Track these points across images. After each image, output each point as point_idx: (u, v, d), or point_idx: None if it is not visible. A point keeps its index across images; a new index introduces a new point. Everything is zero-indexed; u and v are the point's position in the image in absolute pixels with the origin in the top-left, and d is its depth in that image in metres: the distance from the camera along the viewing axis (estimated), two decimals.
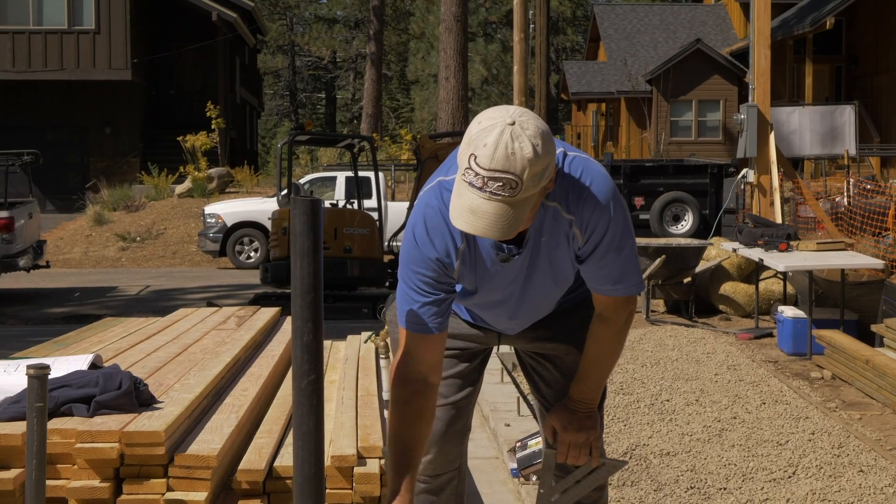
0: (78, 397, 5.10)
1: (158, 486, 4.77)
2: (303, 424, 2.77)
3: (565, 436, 3.21)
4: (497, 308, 3.22)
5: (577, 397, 3.24)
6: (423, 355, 3.06)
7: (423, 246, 2.99)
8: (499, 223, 2.73)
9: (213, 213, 23.42)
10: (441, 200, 2.97)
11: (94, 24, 31.72)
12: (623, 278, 3.09)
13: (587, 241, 3.02)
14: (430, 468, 3.37)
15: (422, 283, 3.00)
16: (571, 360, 3.33)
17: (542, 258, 3.06)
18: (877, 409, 8.70)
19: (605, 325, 3.19)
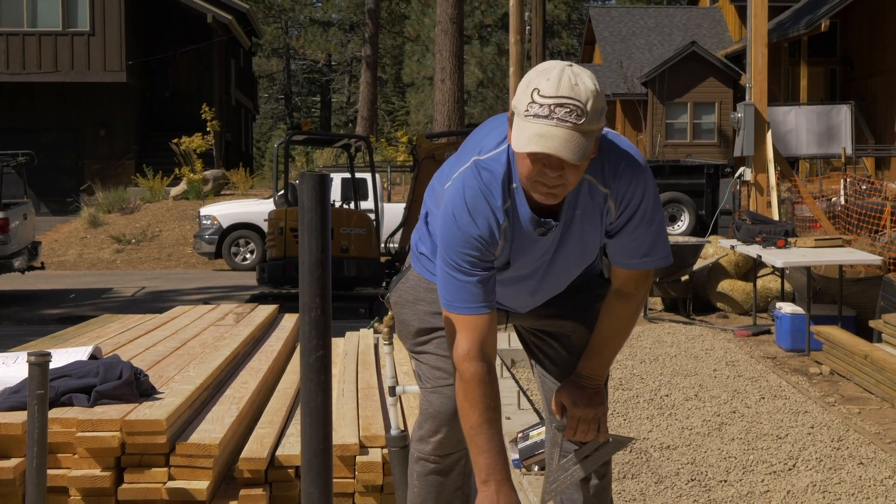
0: (78, 387, 5.08)
1: (160, 474, 4.76)
2: (310, 400, 2.76)
3: (575, 411, 3.20)
4: (521, 283, 3.20)
5: (587, 373, 3.23)
6: (484, 337, 3.03)
7: (465, 227, 2.97)
8: (569, 144, 2.76)
9: (209, 215, 23.38)
10: (481, 180, 2.96)
11: (89, 26, 31.66)
12: (652, 251, 3.11)
13: (620, 215, 3.04)
14: (440, 448, 3.34)
15: (468, 263, 2.98)
16: (579, 338, 3.32)
17: (575, 231, 3.07)
18: (875, 403, 8.69)
19: (625, 300, 3.18)
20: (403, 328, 3.42)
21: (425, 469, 3.40)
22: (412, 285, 3.36)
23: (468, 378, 3.01)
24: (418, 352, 3.37)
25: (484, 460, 3.01)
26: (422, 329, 3.33)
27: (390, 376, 4.37)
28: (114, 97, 32.75)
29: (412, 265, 3.41)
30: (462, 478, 3.43)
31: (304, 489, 2.77)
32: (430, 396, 3.31)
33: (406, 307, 3.38)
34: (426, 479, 3.41)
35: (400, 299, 3.42)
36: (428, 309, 3.31)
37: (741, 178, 15.32)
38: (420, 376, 3.39)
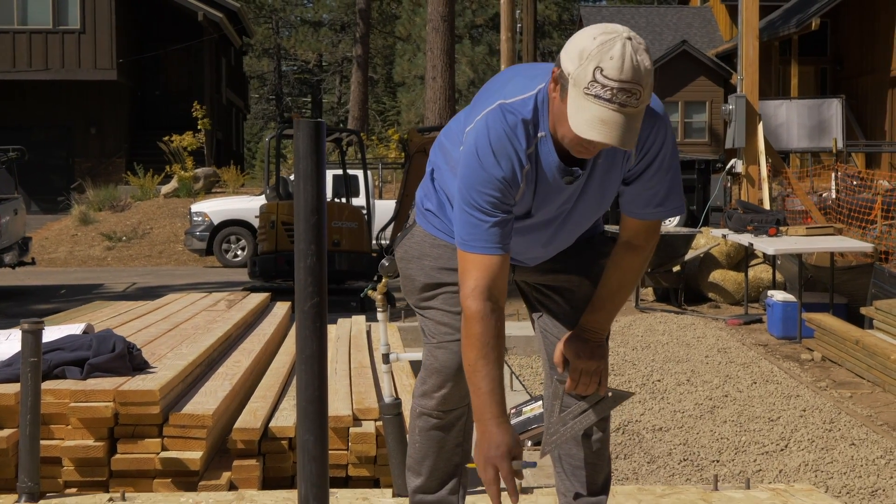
0: (71, 360, 5.07)
1: (153, 445, 4.75)
2: (306, 348, 2.76)
3: (578, 363, 3.19)
4: (538, 232, 3.19)
5: (591, 327, 3.22)
6: (495, 278, 3.01)
7: (489, 167, 2.97)
8: (627, 132, 2.78)
9: (200, 212, 23.31)
10: (506, 122, 2.96)
11: (80, 24, 31.58)
12: (667, 200, 3.11)
13: (640, 161, 3.04)
14: (444, 403, 3.33)
15: (488, 204, 2.98)
16: (583, 293, 3.31)
17: (596, 179, 3.08)
18: (867, 387, 8.71)
19: (633, 253, 3.19)
20: (409, 283, 3.40)
21: (427, 424, 3.38)
22: (417, 241, 3.35)
23: (470, 315, 3.01)
24: (424, 307, 3.35)
25: (478, 400, 3.02)
26: (428, 284, 3.31)
27: (383, 343, 4.37)
28: (104, 95, 32.67)
29: (417, 221, 3.39)
30: (463, 434, 3.42)
31: (299, 436, 2.77)
32: (434, 352, 3.30)
33: (412, 262, 3.37)
34: (428, 435, 3.39)
35: (405, 255, 3.40)
36: (434, 264, 3.30)
37: (732, 169, 15.34)
38: (425, 331, 3.37)
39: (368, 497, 4.38)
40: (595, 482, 3.44)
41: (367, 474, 5.01)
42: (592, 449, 3.41)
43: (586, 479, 3.43)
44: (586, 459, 3.41)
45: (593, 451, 3.41)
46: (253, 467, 4.80)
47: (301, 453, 2.75)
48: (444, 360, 3.27)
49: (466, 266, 3.03)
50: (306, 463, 2.76)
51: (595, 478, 3.44)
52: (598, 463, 3.43)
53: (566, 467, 3.44)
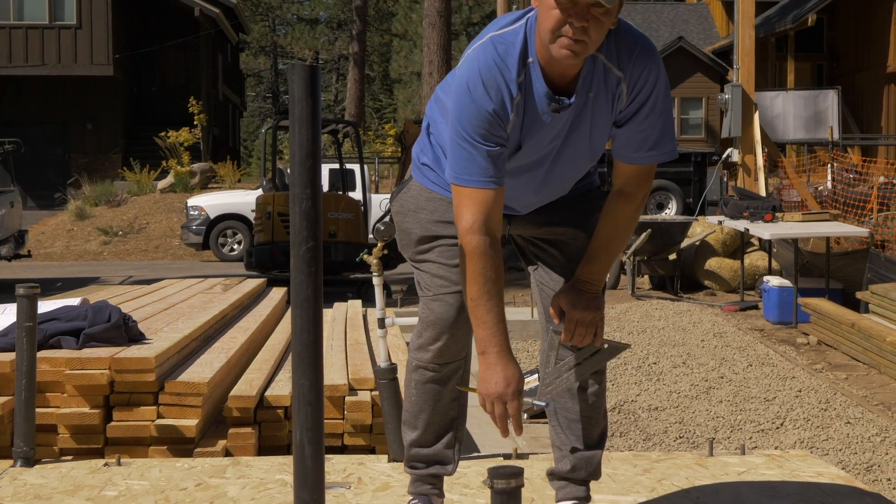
0: (66, 330, 5.07)
1: (149, 412, 4.75)
2: (301, 292, 2.75)
3: (573, 314, 3.18)
4: (529, 173, 3.18)
5: (586, 278, 3.21)
6: (490, 211, 3.01)
7: (479, 99, 2.97)
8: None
9: (196, 206, 23.30)
10: (496, 53, 2.96)
11: (76, 20, 31.52)
12: (659, 144, 3.09)
13: (631, 102, 3.02)
14: (440, 356, 3.32)
15: (480, 136, 2.98)
16: (578, 245, 3.30)
17: (586, 114, 3.06)
18: (863, 370, 8.72)
19: (626, 200, 3.17)
20: (405, 237, 3.39)
21: (423, 377, 3.37)
22: (414, 195, 3.34)
23: (470, 250, 3.00)
24: (420, 260, 3.34)
25: (482, 332, 3.02)
26: (424, 237, 3.31)
27: (379, 308, 4.36)
28: (101, 91, 32.60)
29: (413, 176, 3.39)
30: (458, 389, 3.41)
31: (294, 381, 2.76)
32: (430, 304, 3.28)
33: (408, 216, 3.36)
34: (424, 388, 3.38)
35: (402, 208, 3.39)
36: (430, 217, 3.29)
37: (728, 159, 15.34)
38: (421, 284, 3.36)
39: (364, 462, 4.37)
40: (591, 436, 3.44)
41: (363, 443, 5.01)
42: (588, 402, 3.40)
43: (582, 432, 3.42)
44: (582, 413, 3.40)
45: (589, 404, 3.40)
46: (248, 435, 4.79)
47: (296, 398, 2.75)
48: (440, 313, 3.26)
49: (462, 201, 3.03)
50: (301, 407, 2.75)
51: (591, 431, 3.44)
52: (593, 416, 3.43)
53: (561, 421, 3.44)
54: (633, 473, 4.23)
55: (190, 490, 3.96)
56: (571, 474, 3.44)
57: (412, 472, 3.45)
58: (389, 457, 4.41)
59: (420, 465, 3.43)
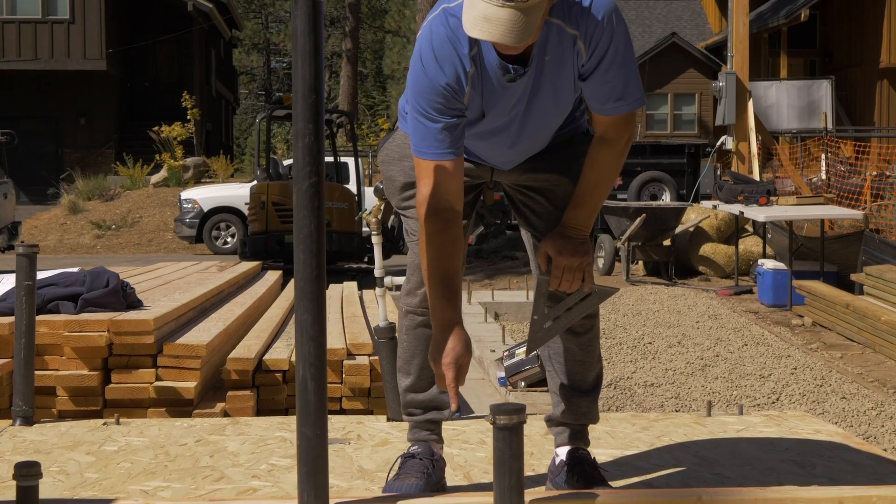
0: (65, 295, 5.07)
1: (147, 375, 4.75)
2: (304, 227, 2.75)
3: (560, 260, 3.18)
4: (498, 136, 3.20)
5: (572, 224, 3.22)
6: (447, 184, 3.03)
7: (432, 73, 2.98)
8: (514, 28, 2.76)
9: (190, 199, 23.25)
10: (448, 27, 2.96)
11: (69, 14, 31.47)
12: (625, 94, 3.09)
13: (591, 56, 3.02)
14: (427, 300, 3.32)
15: (434, 110, 2.99)
16: (563, 191, 3.30)
17: (546, 78, 3.06)
18: (858, 349, 8.74)
19: (607, 147, 3.17)
20: (390, 185, 3.41)
21: (413, 322, 3.39)
22: (399, 143, 3.36)
23: (424, 222, 3.04)
24: (405, 207, 3.36)
25: (433, 302, 3.07)
26: (407, 183, 3.32)
27: (378, 267, 4.37)
28: (94, 86, 32.54)
29: (399, 126, 3.41)
30: None
31: (297, 315, 2.77)
32: (416, 248, 3.31)
33: (393, 164, 3.38)
34: (415, 333, 3.40)
35: (387, 157, 3.42)
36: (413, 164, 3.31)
37: (723, 146, 15.36)
38: (408, 230, 3.38)
39: (363, 421, 4.38)
40: (586, 380, 3.45)
41: (361, 407, 5.02)
42: (582, 347, 3.41)
43: (577, 377, 3.43)
44: (576, 357, 3.42)
45: (582, 348, 3.41)
46: (247, 397, 4.80)
47: (299, 333, 2.76)
48: None
49: (420, 173, 3.06)
50: (304, 342, 2.76)
51: (585, 376, 3.45)
52: (587, 360, 3.43)
53: (556, 367, 3.45)
54: (631, 431, 4.25)
55: (189, 445, 3.96)
56: (568, 419, 3.45)
57: (410, 420, 3.46)
58: (388, 416, 4.42)
59: (417, 411, 3.44)
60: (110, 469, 3.65)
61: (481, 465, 3.72)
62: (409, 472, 3.33)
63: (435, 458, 3.39)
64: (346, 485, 3.46)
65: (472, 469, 3.68)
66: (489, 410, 2.83)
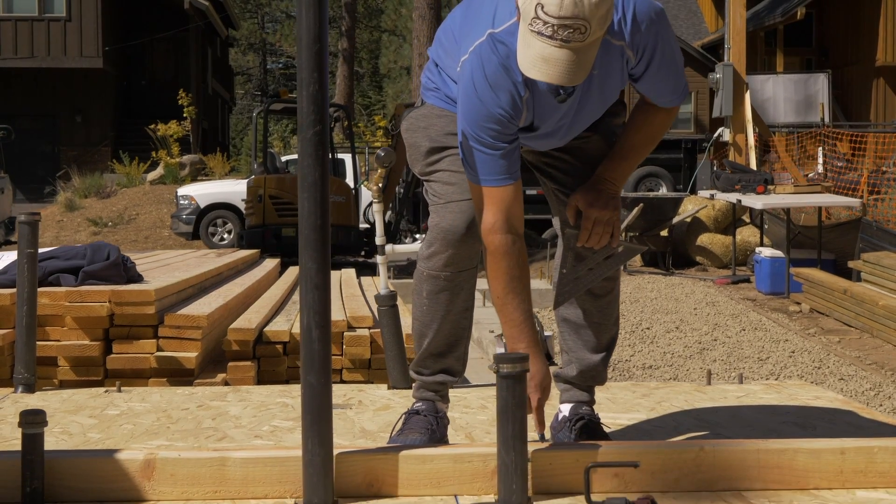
0: (65, 268, 5.08)
1: (148, 345, 4.76)
2: (308, 175, 2.76)
3: (591, 212, 3.16)
4: (546, 139, 3.22)
5: (608, 176, 3.20)
6: (511, 209, 3.04)
7: (489, 102, 2.98)
8: (572, 69, 2.77)
9: (186, 195, 23.24)
10: (499, 54, 2.95)
11: (65, 12, 31.44)
12: (676, 88, 3.09)
13: (640, 60, 3.01)
14: (453, 264, 3.28)
15: (490, 138, 3.00)
16: (592, 147, 3.28)
17: (594, 88, 3.06)
18: (855, 334, 8.76)
19: (656, 110, 3.17)
20: (415, 151, 3.39)
21: (436, 287, 3.32)
22: (425, 113, 3.35)
23: (493, 250, 3.04)
24: (430, 171, 3.34)
25: (510, 329, 3.08)
26: (433, 148, 3.31)
27: (379, 235, 4.38)
28: (90, 83, 32.51)
29: (425, 100, 3.39)
30: (472, 297, 3.41)
31: (302, 264, 2.78)
32: (442, 211, 3.27)
33: (418, 132, 3.36)
34: (437, 298, 3.34)
35: (412, 126, 3.40)
36: (440, 130, 3.29)
37: (720, 138, 15.38)
38: (432, 194, 3.35)
39: (364, 389, 4.39)
40: (600, 342, 3.45)
41: (362, 378, 5.03)
42: (600, 309, 3.41)
43: (591, 338, 3.43)
44: (592, 319, 3.41)
45: (601, 310, 3.41)
46: (248, 367, 4.82)
47: (303, 281, 2.76)
48: (451, 220, 3.25)
49: (482, 200, 3.07)
50: (308, 290, 2.77)
51: (600, 337, 3.44)
52: (604, 323, 3.43)
53: (571, 326, 3.44)
54: (631, 398, 4.27)
55: (192, 409, 3.97)
56: (577, 379, 3.46)
57: (418, 378, 3.45)
58: (389, 384, 4.42)
59: (426, 371, 3.43)
60: (113, 430, 3.66)
61: (483, 427, 3.73)
62: (413, 427, 3.34)
63: (439, 415, 3.40)
64: (349, 443, 3.47)
65: (473, 430, 3.70)
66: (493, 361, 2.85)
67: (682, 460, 2.95)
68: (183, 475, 2.86)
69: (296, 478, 2.86)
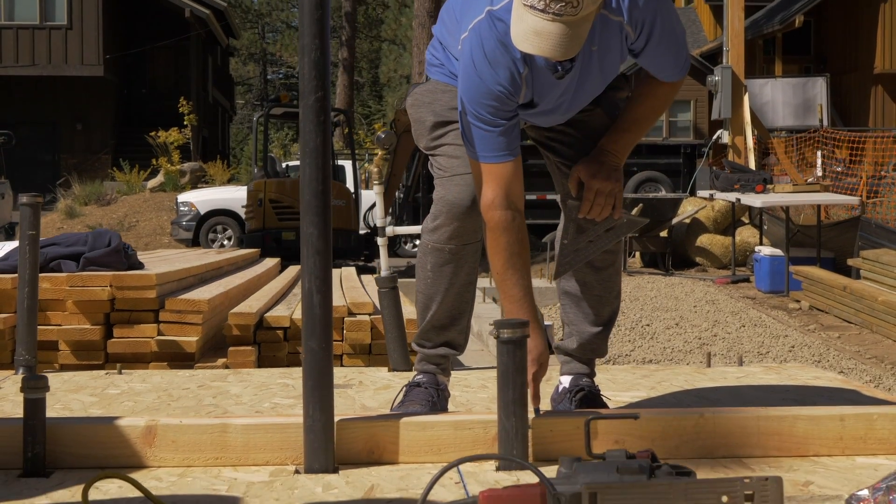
0: (67, 254, 5.09)
1: (149, 329, 4.78)
2: (310, 141, 2.78)
3: (593, 183, 3.17)
4: (547, 115, 3.24)
5: (610, 148, 3.20)
6: (511, 186, 3.05)
7: (488, 79, 2.99)
8: (564, 42, 2.77)
9: (186, 202, 23.27)
10: (497, 30, 2.97)
11: (67, 20, 31.50)
12: (677, 62, 3.09)
13: (639, 36, 3.02)
14: (458, 237, 3.29)
15: (489, 114, 3.01)
16: (595, 120, 3.29)
17: (594, 64, 3.07)
18: (855, 329, 8.77)
19: (661, 84, 3.18)
20: (420, 126, 3.40)
21: (440, 259, 3.33)
22: (430, 88, 3.37)
23: (493, 226, 3.05)
24: (435, 146, 3.35)
25: (509, 305, 3.08)
26: (438, 122, 3.32)
27: (379, 217, 4.39)
28: (91, 91, 32.57)
29: (429, 76, 3.41)
30: (475, 272, 3.42)
31: (303, 229, 2.79)
32: (447, 184, 3.28)
33: (422, 107, 3.37)
34: (441, 271, 3.35)
35: (416, 101, 3.41)
36: (445, 105, 3.31)
37: (719, 140, 15.40)
38: (437, 167, 3.36)
39: (364, 371, 4.40)
40: (601, 314, 3.45)
41: (362, 364, 5.03)
42: (601, 282, 3.42)
43: (591, 310, 3.44)
44: (593, 292, 3.42)
45: (602, 283, 3.42)
46: (248, 352, 4.83)
47: (304, 246, 2.78)
48: (456, 194, 3.26)
49: (482, 177, 3.08)
50: (310, 255, 2.78)
51: (601, 310, 3.45)
52: (604, 296, 3.44)
53: (572, 298, 3.45)
54: (632, 378, 4.27)
55: (192, 389, 3.98)
56: (577, 352, 3.47)
57: (420, 350, 3.45)
58: (390, 367, 4.44)
59: (429, 343, 3.44)
60: (114, 407, 3.67)
61: (483, 404, 3.73)
62: (414, 399, 3.35)
63: (440, 388, 3.41)
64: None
65: (474, 406, 3.70)
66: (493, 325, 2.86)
67: (682, 427, 2.96)
68: (184, 441, 2.87)
69: (297, 444, 2.87)
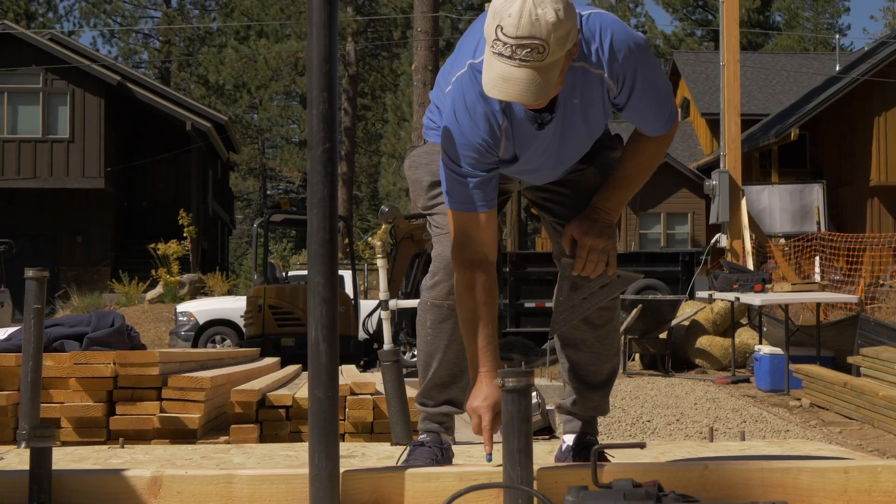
0: (70, 335, 5.13)
1: (152, 406, 4.79)
2: (317, 192, 2.82)
3: (585, 240, 3.19)
4: (535, 173, 3.28)
5: (602, 206, 3.23)
6: (480, 235, 3.10)
7: (468, 131, 3.06)
8: (531, 88, 2.82)
9: (186, 312, 23.27)
10: (476, 82, 3.03)
11: (69, 133, 31.84)
12: (661, 115, 3.10)
13: (622, 89, 3.06)
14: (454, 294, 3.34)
15: (468, 165, 3.07)
16: (588, 180, 3.33)
17: (577, 119, 3.12)
18: (856, 425, 8.74)
19: (656, 140, 3.20)
20: (417, 187, 3.46)
21: (439, 316, 3.37)
22: (426, 150, 3.43)
23: (462, 274, 3.11)
24: (433, 205, 3.40)
25: (471, 351, 3.14)
26: (434, 182, 3.37)
27: (383, 291, 4.43)
28: (92, 203, 32.77)
29: (427, 139, 3.47)
30: None
31: (310, 278, 2.82)
32: (444, 241, 3.32)
33: (420, 168, 3.44)
34: (440, 328, 3.38)
35: (414, 163, 3.48)
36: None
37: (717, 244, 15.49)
38: (434, 225, 3.41)
39: (367, 445, 4.39)
40: (600, 372, 3.47)
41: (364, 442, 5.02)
42: (599, 339, 3.44)
43: (592, 368, 3.45)
44: (592, 349, 3.44)
45: (600, 340, 3.44)
46: (250, 430, 4.83)
47: (311, 295, 2.81)
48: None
49: (453, 223, 3.14)
50: (316, 304, 2.81)
51: (600, 368, 3.46)
52: (603, 353, 3.45)
53: (571, 357, 3.47)
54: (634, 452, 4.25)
55: (195, 459, 3.97)
56: (579, 410, 3.48)
57: (423, 410, 3.47)
58: (392, 441, 4.43)
59: (430, 402, 3.45)
60: None
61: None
62: (418, 457, 3.35)
63: (444, 446, 3.42)
64: None
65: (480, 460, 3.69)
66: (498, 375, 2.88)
67: (687, 478, 2.96)
68: (190, 492, 2.87)
69: (302, 495, 2.86)
